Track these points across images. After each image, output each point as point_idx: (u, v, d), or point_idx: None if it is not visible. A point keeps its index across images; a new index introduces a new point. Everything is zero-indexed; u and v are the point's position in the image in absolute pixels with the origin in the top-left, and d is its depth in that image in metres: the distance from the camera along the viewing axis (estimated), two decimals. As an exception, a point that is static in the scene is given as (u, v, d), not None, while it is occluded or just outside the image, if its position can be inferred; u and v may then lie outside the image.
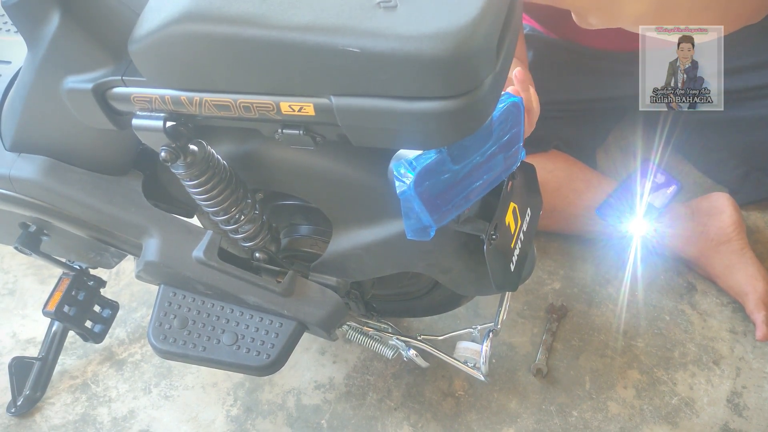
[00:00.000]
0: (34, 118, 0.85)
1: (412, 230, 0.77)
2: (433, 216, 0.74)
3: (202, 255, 0.89)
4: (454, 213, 0.78)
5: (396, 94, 0.63)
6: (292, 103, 0.68)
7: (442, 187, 0.74)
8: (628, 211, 1.30)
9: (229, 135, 0.87)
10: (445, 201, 0.75)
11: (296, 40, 0.63)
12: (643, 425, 1.16)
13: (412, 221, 0.75)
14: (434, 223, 0.75)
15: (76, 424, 1.21)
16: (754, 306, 1.23)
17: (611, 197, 1.32)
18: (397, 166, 0.73)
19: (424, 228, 0.76)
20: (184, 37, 0.67)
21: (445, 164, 0.72)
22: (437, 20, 0.60)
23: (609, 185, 1.34)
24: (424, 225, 0.75)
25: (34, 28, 0.75)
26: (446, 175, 0.74)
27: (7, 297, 1.41)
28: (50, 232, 1.04)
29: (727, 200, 1.30)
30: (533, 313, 1.31)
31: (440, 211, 0.75)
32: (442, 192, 0.74)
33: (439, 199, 0.74)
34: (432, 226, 0.75)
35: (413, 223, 0.75)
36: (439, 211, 0.75)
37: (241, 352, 0.91)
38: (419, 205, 0.72)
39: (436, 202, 0.74)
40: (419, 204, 0.72)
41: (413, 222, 0.75)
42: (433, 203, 0.74)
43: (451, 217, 0.78)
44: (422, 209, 0.73)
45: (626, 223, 1.30)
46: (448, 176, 0.74)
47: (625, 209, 1.31)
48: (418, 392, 1.21)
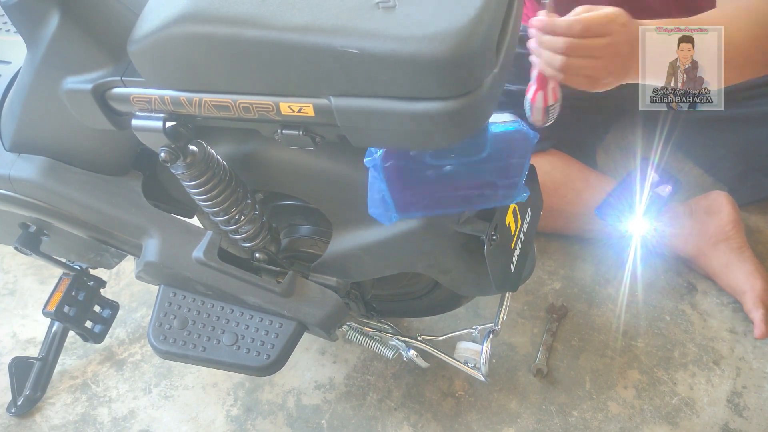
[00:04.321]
0: (33, 119, 0.85)
1: (373, 206, 0.77)
2: (397, 202, 0.74)
3: (202, 255, 0.89)
4: (421, 211, 0.78)
5: (395, 94, 0.63)
6: (291, 104, 0.69)
7: (413, 178, 0.74)
8: (628, 211, 1.30)
9: (229, 135, 0.87)
10: (414, 193, 0.75)
11: (295, 40, 0.63)
12: (644, 425, 1.16)
13: (375, 198, 0.75)
14: (396, 210, 0.75)
15: (76, 424, 1.21)
16: (752, 304, 1.23)
17: (610, 197, 1.31)
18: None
19: (385, 210, 0.75)
20: (184, 37, 0.67)
21: (422, 155, 0.72)
22: (436, 21, 0.59)
23: (608, 185, 1.34)
24: (386, 206, 0.75)
25: (34, 28, 0.75)
26: (422, 167, 0.73)
27: (7, 297, 1.41)
28: (50, 232, 1.04)
29: (725, 199, 1.30)
30: (533, 313, 1.31)
31: (406, 201, 0.75)
32: (413, 183, 0.74)
33: (408, 189, 0.74)
34: (393, 212, 0.75)
35: (376, 201, 0.75)
36: (405, 200, 0.75)
37: (241, 353, 0.91)
38: (382, 182, 0.72)
39: (403, 189, 0.74)
40: (382, 180, 0.72)
41: (376, 200, 0.75)
42: (400, 189, 0.73)
43: (417, 215, 0.78)
44: (385, 189, 0.72)
45: (626, 223, 1.30)
46: (424, 170, 0.74)
47: (625, 209, 1.30)
48: (418, 392, 1.21)
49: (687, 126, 1.44)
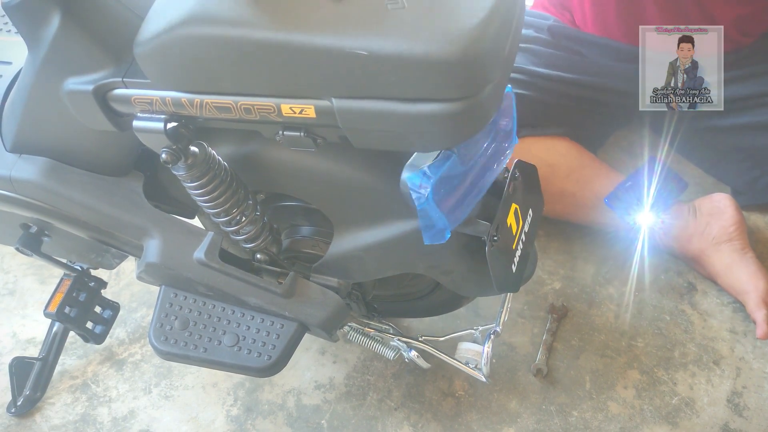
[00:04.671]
0: (34, 120, 0.85)
1: (429, 236, 0.76)
2: (449, 219, 0.74)
3: (203, 256, 0.89)
4: (466, 211, 0.78)
5: (400, 96, 0.63)
6: (293, 105, 0.68)
7: (454, 190, 0.74)
8: (636, 203, 1.31)
9: (230, 137, 0.87)
10: (458, 202, 0.75)
11: (303, 42, 0.63)
12: (644, 425, 1.16)
13: (429, 228, 0.75)
14: (450, 225, 0.75)
15: (76, 424, 1.21)
16: (754, 305, 1.23)
17: (620, 188, 1.32)
18: (411, 178, 0.72)
19: (440, 231, 0.75)
20: (190, 39, 0.67)
21: (455, 168, 0.72)
22: (447, 22, 0.59)
23: (618, 177, 1.35)
24: (440, 229, 0.75)
25: (35, 29, 0.75)
26: (457, 178, 0.73)
27: (7, 297, 1.41)
28: (51, 233, 1.04)
29: (729, 200, 1.31)
30: (533, 313, 1.31)
31: (454, 213, 0.75)
32: (455, 195, 0.74)
33: (453, 202, 0.74)
34: (448, 228, 0.75)
35: (430, 229, 0.75)
36: (454, 212, 0.75)
37: (242, 354, 0.91)
38: (437, 214, 0.72)
39: (450, 205, 0.74)
40: (437, 212, 0.72)
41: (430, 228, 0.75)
42: (448, 207, 0.73)
43: (464, 216, 0.77)
44: (440, 216, 0.72)
45: (633, 215, 1.31)
46: (459, 178, 0.74)
47: (633, 201, 1.31)
48: (418, 392, 1.21)
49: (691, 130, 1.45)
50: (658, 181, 1.32)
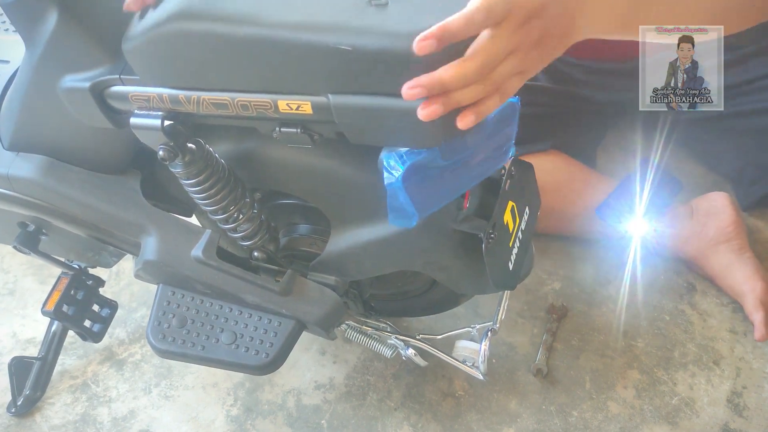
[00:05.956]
0: (32, 117, 0.86)
1: (394, 218, 0.77)
2: (417, 207, 0.74)
3: (200, 254, 0.89)
4: (438, 205, 0.78)
5: (391, 91, 0.63)
6: (289, 102, 0.69)
7: (428, 181, 0.74)
8: (628, 212, 1.30)
9: (227, 134, 0.87)
10: (430, 194, 0.75)
11: (288, 38, 0.63)
12: (643, 425, 1.15)
13: (395, 210, 0.75)
14: (418, 213, 0.75)
15: (76, 424, 1.21)
16: (752, 306, 1.22)
17: (611, 197, 1.31)
18: (388, 157, 0.72)
19: (407, 216, 0.76)
20: (177, 35, 0.67)
21: (435, 160, 0.72)
22: (428, 18, 0.59)
23: (609, 185, 1.34)
24: (407, 214, 0.75)
25: (32, 27, 0.76)
26: (434, 169, 0.74)
27: (7, 297, 1.42)
28: (49, 231, 1.04)
29: (726, 200, 1.30)
30: (533, 313, 1.31)
31: (425, 203, 0.75)
32: (428, 185, 0.74)
33: (425, 192, 0.74)
34: (415, 215, 0.75)
35: (397, 212, 0.76)
36: (424, 202, 0.75)
37: (240, 351, 0.91)
38: (405, 198, 0.72)
39: (421, 194, 0.74)
40: (405, 196, 0.72)
41: (397, 211, 0.75)
42: (419, 195, 0.74)
43: (434, 209, 0.78)
44: (407, 201, 0.73)
45: (626, 224, 1.30)
46: (436, 171, 0.74)
47: (625, 209, 1.30)
48: (418, 392, 1.21)
49: (688, 124, 1.44)
50: (652, 185, 1.31)
